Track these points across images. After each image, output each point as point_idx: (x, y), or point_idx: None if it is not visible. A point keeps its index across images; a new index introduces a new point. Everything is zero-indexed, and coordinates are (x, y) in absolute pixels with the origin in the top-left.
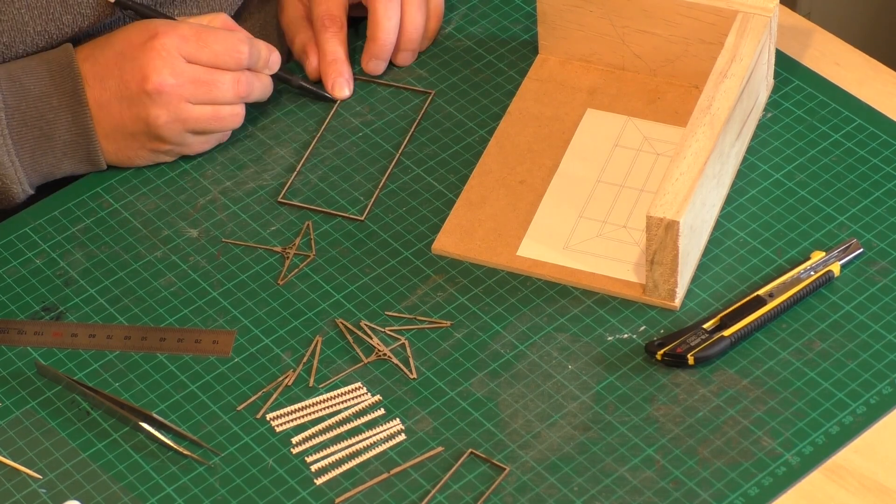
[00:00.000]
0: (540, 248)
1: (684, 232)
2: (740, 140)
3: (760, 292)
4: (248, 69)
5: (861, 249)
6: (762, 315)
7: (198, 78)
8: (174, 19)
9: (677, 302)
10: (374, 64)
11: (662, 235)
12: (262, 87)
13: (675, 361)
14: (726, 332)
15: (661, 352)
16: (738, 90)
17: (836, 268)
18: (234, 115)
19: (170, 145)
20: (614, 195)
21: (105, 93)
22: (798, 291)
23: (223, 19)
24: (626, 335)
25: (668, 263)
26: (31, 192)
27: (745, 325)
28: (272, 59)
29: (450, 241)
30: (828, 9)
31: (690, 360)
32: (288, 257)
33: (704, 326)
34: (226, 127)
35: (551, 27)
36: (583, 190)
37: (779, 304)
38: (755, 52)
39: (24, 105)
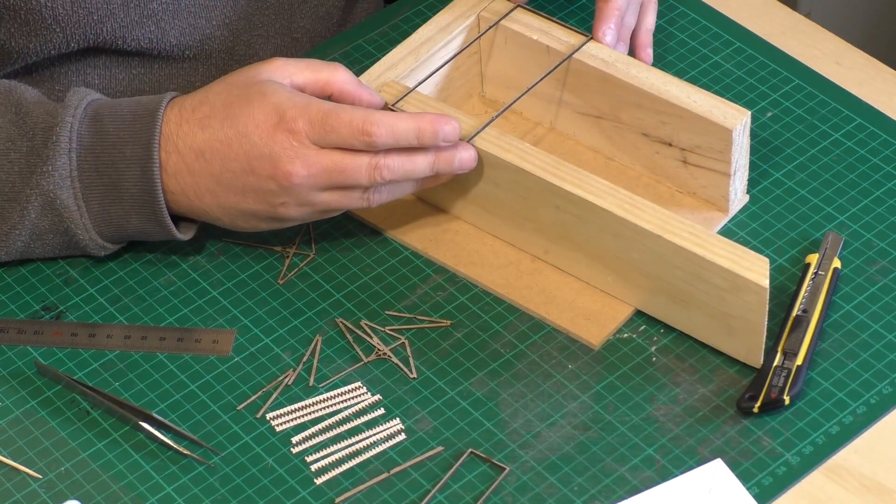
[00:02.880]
0: None
1: None
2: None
3: (794, 312)
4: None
5: (842, 238)
6: (815, 330)
7: (330, 166)
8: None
9: None
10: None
11: None
12: (412, 167)
13: (773, 407)
14: (799, 361)
15: (758, 405)
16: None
17: (838, 263)
18: (363, 200)
19: (290, 222)
20: None
21: (208, 165)
22: (826, 296)
23: (342, 75)
24: (626, 334)
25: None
26: (104, 244)
27: (809, 346)
28: (445, 129)
29: None
30: (828, 8)
31: (787, 401)
32: (288, 256)
33: (775, 364)
34: (354, 206)
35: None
36: None
37: (820, 315)
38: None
39: (99, 148)
